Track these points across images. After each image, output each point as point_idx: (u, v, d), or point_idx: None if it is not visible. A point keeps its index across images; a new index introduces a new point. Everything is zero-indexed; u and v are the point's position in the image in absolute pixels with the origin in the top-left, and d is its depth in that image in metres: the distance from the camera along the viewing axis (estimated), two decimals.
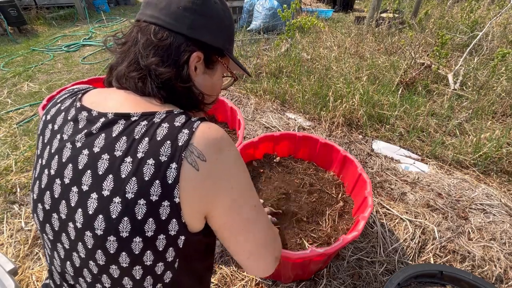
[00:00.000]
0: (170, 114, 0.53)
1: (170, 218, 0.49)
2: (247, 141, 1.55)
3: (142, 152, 0.49)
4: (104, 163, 0.50)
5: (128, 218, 0.48)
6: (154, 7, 0.56)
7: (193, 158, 0.49)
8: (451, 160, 1.99)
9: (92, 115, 0.54)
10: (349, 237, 1.06)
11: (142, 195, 0.48)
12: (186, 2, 0.56)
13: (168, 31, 0.55)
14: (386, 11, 4.80)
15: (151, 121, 0.51)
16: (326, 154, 1.57)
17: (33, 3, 5.75)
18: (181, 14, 0.55)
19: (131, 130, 0.51)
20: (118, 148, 0.50)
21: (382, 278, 1.34)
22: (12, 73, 3.47)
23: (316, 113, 2.48)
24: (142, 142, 0.49)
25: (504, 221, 1.56)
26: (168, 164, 0.48)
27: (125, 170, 0.49)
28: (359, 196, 1.33)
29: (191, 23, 0.56)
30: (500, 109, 2.45)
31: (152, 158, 0.48)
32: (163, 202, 0.48)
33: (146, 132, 0.50)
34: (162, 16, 0.55)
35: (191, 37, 0.56)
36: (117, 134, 0.51)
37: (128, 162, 0.49)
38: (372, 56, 3.44)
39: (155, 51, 0.55)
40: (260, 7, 4.56)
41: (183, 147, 0.49)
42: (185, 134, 0.50)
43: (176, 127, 0.51)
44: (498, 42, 3.57)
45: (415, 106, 2.45)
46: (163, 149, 0.49)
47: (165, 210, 0.49)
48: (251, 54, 3.54)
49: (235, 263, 1.41)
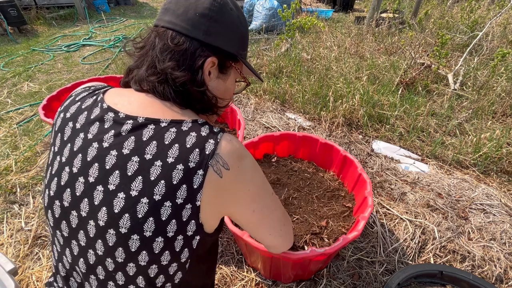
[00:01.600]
0: (196, 124, 0.56)
1: (190, 219, 0.53)
2: (247, 141, 1.55)
3: (172, 157, 0.52)
4: (133, 165, 0.52)
5: (154, 218, 0.51)
6: (172, 13, 0.58)
7: (218, 166, 0.53)
8: (451, 160, 1.99)
9: (119, 116, 0.56)
10: (349, 237, 1.06)
11: (169, 197, 0.51)
12: (203, 9, 0.57)
13: (184, 36, 0.57)
14: (386, 11, 4.80)
15: (180, 129, 0.54)
16: (326, 154, 1.57)
17: (33, 3, 5.76)
18: (198, 20, 0.57)
19: (161, 135, 0.53)
20: (148, 152, 0.52)
21: (382, 278, 1.34)
22: (12, 73, 3.47)
23: (316, 113, 2.48)
24: (172, 148, 0.52)
25: (504, 221, 1.56)
26: (196, 170, 0.51)
27: (154, 173, 0.51)
28: (359, 196, 1.33)
29: (207, 29, 0.58)
30: (500, 109, 2.45)
31: (181, 164, 0.51)
32: (186, 205, 0.52)
33: (176, 138, 0.53)
34: (179, 22, 0.57)
35: (207, 42, 0.58)
36: (147, 138, 0.53)
37: (158, 165, 0.51)
38: (372, 56, 3.44)
39: (172, 56, 0.56)
40: (260, 7, 4.56)
41: (210, 155, 0.52)
42: (211, 144, 0.53)
43: (203, 136, 0.54)
44: (498, 42, 3.57)
45: (415, 106, 2.45)
46: (192, 156, 0.52)
47: (187, 212, 0.52)
48: (251, 54, 3.54)
49: (235, 263, 1.41)
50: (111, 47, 4.42)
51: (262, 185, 0.63)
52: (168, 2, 0.60)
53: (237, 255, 1.44)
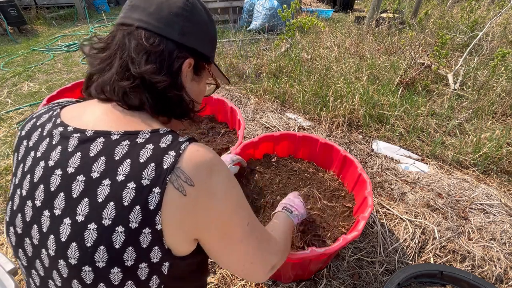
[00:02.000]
0: (156, 134, 0.50)
1: (152, 246, 0.46)
2: (247, 141, 1.55)
3: (123, 174, 0.45)
4: (79, 185, 0.46)
5: (105, 246, 0.44)
6: (142, 11, 0.53)
7: (180, 182, 0.45)
8: (451, 160, 1.99)
9: (68, 130, 0.50)
10: (349, 237, 1.06)
11: (120, 221, 0.44)
12: (177, 8, 0.54)
13: (159, 36, 0.53)
14: (386, 11, 4.80)
15: (134, 141, 0.48)
16: (326, 154, 1.57)
17: (33, 3, 5.76)
18: (172, 19, 0.54)
19: (111, 150, 0.47)
20: (96, 169, 0.46)
21: (382, 278, 1.34)
22: (12, 73, 3.47)
23: (316, 113, 2.48)
24: (123, 164, 0.46)
25: (504, 221, 1.56)
26: (151, 188, 0.45)
27: (102, 194, 0.45)
28: (359, 196, 1.33)
29: (182, 29, 0.55)
30: (500, 109, 2.45)
31: (133, 182, 0.45)
32: (143, 230, 0.45)
33: (128, 153, 0.47)
34: (152, 21, 0.53)
35: (182, 43, 0.55)
36: (95, 154, 0.47)
37: (106, 185, 0.45)
38: (372, 56, 3.44)
39: (148, 57, 0.52)
40: (260, 7, 4.56)
41: (168, 170, 0.45)
42: (171, 156, 0.47)
43: (162, 148, 0.47)
44: (498, 42, 3.57)
45: (415, 106, 2.45)
46: (146, 172, 0.45)
47: (146, 237, 0.45)
48: (251, 54, 3.54)
49: None
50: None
51: (238, 206, 0.54)
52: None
53: None
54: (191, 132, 1.87)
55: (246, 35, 4.19)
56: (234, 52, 3.57)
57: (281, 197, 1.40)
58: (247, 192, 1.41)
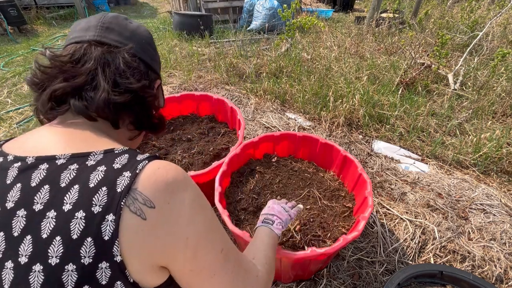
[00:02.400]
0: (110, 154, 0.46)
1: (113, 281, 0.40)
2: (247, 141, 1.55)
3: (70, 203, 0.40)
4: (20, 222, 0.41)
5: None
6: (118, 34, 0.57)
7: (138, 205, 0.41)
8: (451, 160, 1.99)
9: (7, 160, 0.45)
10: (349, 237, 1.06)
11: (70, 258, 0.39)
12: (146, 38, 0.63)
13: (139, 58, 0.59)
14: (386, 11, 4.80)
15: (83, 164, 0.43)
16: (326, 154, 1.57)
17: (33, 3, 5.76)
18: (145, 46, 0.62)
19: (56, 176, 0.42)
20: (38, 201, 0.41)
21: (382, 278, 1.34)
22: (12, 73, 3.47)
23: (316, 113, 2.48)
24: (71, 190, 0.41)
25: (504, 221, 1.56)
26: (103, 216, 0.40)
27: (46, 228, 0.39)
28: (360, 196, 1.33)
29: (152, 55, 0.64)
30: (500, 109, 2.45)
31: (82, 210, 0.40)
32: (100, 264, 0.39)
33: (76, 178, 0.42)
34: (131, 44, 0.58)
35: (152, 66, 0.63)
36: (37, 183, 0.42)
37: (51, 217, 0.40)
38: (372, 56, 3.44)
39: (135, 75, 0.56)
40: (260, 7, 4.56)
41: (123, 193, 0.41)
42: (126, 178, 0.42)
43: (116, 169, 0.43)
44: (498, 42, 3.57)
45: (415, 106, 2.45)
46: (97, 198, 0.40)
47: (104, 273, 0.40)
48: (251, 54, 3.54)
49: None
50: None
51: (208, 230, 0.48)
52: (107, 21, 0.58)
53: None
54: (191, 132, 1.87)
55: (246, 35, 4.19)
56: (234, 52, 3.56)
57: (281, 197, 1.40)
58: (247, 192, 1.41)
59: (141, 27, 0.64)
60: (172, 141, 1.80)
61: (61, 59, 0.53)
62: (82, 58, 0.53)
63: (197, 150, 1.68)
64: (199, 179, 1.43)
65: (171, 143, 1.78)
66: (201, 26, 4.16)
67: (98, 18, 0.58)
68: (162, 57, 3.64)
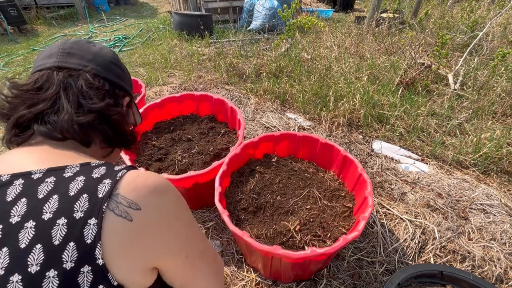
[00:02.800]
0: (86, 166, 0.47)
1: (96, 285, 0.40)
2: (247, 141, 1.55)
3: (50, 212, 0.41)
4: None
5: None
6: (79, 58, 0.60)
7: (122, 208, 0.42)
8: (451, 160, 1.99)
9: None
10: (349, 237, 1.06)
11: (51, 265, 0.39)
12: (110, 58, 0.65)
13: (102, 78, 0.61)
14: (386, 11, 4.80)
15: (61, 176, 0.44)
16: (326, 154, 1.57)
17: (33, 3, 5.76)
18: (109, 66, 0.63)
19: (33, 189, 0.43)
20: (15, 213, 0.41)
21: (382, 278, 1.34)
22: (12, 73, 3.47)
23: (316, 113, 2.48)
24: (50, 200, 0.42)
25: (504, 221, 1.56)
26: (86, 220, 0.40)
27: (25, 238, 0.39)
28: (360, 196, 1.33)
29: (118, 74, 0.65)
30: (500, 109, 2.45)
31: (63, 217, 0.40)
32: (82, 269, 0.39)
33: (55, 189, 0.43)
34: (94, 66, 0.60)
35: (119, 84, 0.65)
36: (13, 198, 0.42)
37: (30, 227, 0.40)
38: (372, 56, 3.44)
39: (98, 94, 0.58)
40: (260, 7, 4.56)
41: (105, 198, 0.42)
42: (106, 184, 0.43)
43: (95, 178, 0.44)
44: (498, 42, 3.57)
45: (415, 106, 2.45)
46: (79, 204, 0.41)
47: (86, 277, 0.40)
48: (251, 54, 3.54)
49: (235, 263, 1.41)
50: (111, 47, 4.42)
51: (192, 224, 0.54)
52: (67, 47, 0.60)
53: (237, 255, 1.44)
54: (191, 132, 1.87)
55: (246, 35, 4.19)
56: (234, 52, 3.56)
57: (281, 197, 1.40)
58: (247, 192, 1.41)
59: (104, 49, 0.66)
60: (172, 141, 1.80)
61: (24, 88, 0.55)
62: (44, 84, 0.55)
63: (197, 150, 1.68)
64: (199, 179, 1.43)
65: (171, 143, 1.78)
66: (201, 26, 4.16)
67: (59, 44, 0.61)
68: (162, 57, 3.64)
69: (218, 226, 1.59)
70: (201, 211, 1.67)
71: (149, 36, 4.80)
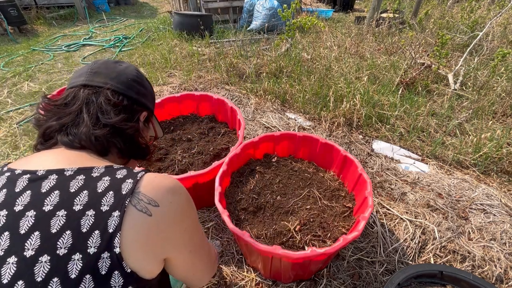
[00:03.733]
0: (110, 168, 0.54)
1: (112, 271, 0.45)
2: (247, 141, 1.55)
3: (80, 204, 0.46)
4: (28, 220, 0.45)
5: (59, 278, 0.42)
6: (104, 76, 0.66)
7: (143, 205, 0.48)
8: (451, 160, 1.99)
9: (15, 173, 0.51)
10: (349, 237, 1.06)
11: (77, 249, 0.44)
12: (133, 76, 0.71)
13: (122, 95, 0.67)
14: (386, 11, 4.80)
15: (89, 176, 0.51)
16: (326, 154, 1.57)
17: (33, 3, 5.75)
18: (130, 83, 0.69)
19: (66, 184, 0.49)
20: (48, 203, 0.46)
21: (382, 278, 1.34)
22: (12, 73, 3.47)
23: (316, 113, 2.48)
24: (80, 195, 0.47)
25: (504, 221, 1.56)
26: (111, 212, 0.46)
27: (56, 224, 0.45)
28: (360, 196, 1.33)
29: (138, 90, 0.71)
30: (500, 109, 2.45)
31: (92, 209, 0.46)
32: (102, 254, 0.44)
33: (85, 185, 0.49)
34: (115, 84, 0.66)
35: (138, 100, 0.71)
36: (47, 190, 0.48)
37: (61, 215, 0.45)
38: (372, 56, 3.44)
39: (115, 110, 0.64)
40: (260, 7, 4.56)
41: (128, 195, 0.48)
42: (129, 183, 0.50)
43: (119, 178, 0.51)
44: (498, 42, 3.57)
45: (415, 106, 2.45)
46: (106, 199, 0.47)
47: (104, 262, 0.45)
48: (251, 54, 3.54)
49: (235, 263, 1.41)
50: (111, 47, 4.42)
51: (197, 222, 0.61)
52: (96, 67, 0.68)
53: (237, 255, 1.44)
54: (191, 132, 1.87)
55: (246, 35, 4.19)
56: (234, 52, 3.56)
57: (281, 197, 1.40)
58: (247, 192, 1.41)
59: (129, 68, 0.73)
60: (172, 141, 1.80)
61: (55, 103, 0.64)
62: (71, 100, 0.63)
63: (197, 150, 1.68)
64: (199, 179, 1.43)
65: (171, 143, 1.78)
66: (201, 26, 4.16)
67: (90, 65, 0.69)
68: (162, 57, 3.64)
69: (218, 226, 1.59)
70: (201, 211, 1.67)
71: (149, 36, 4.80)
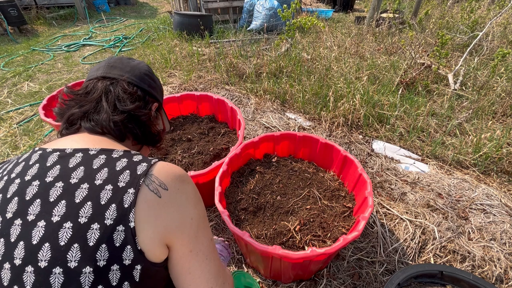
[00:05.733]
0: (128, 152, 0.59)
1: (125, 245, 0.48)
2: (247, 141, 1.55)
3: (101, 179, 0.51)
4: (57, 190, 0.50)
5: (79, 244, 0.46)
6: (120, 69, 0.74)
7: (155, 186, 0.52)
8: (451, 160, 1.99)
9: (47, 151, 0.57)
10: (350, 237, 1.06)
11: (96, 219, 0.47)
12: (145, 71, 0.79)
13: (135, 86, 0.74)
14: (386, 11, 4.80)
15: (110, 156, 0.56)
16: (326, 154, 1.57)
17: (33, 3, 5.75)
18: (143, 77, 0.77)
19: (90, 161, 0.54)
20: (75, 176, 0.52)
21: (382, 278, 1.34)
22: (12, 73, 3.47)
23: (316, 113, 2.48)
24: (101, 171, 0.53)
25: (504, 221, 1.56)
26: (126, 189, 0.51)
27: (80, 195, 0.49)
28: (360, 196, 1.33)
29: (150, 83, 0.78)
30: (500, 109, 2.45)
31: (110, 184, 0.51)
32: (117, 227, 0.48)
33: (105, 163, 0.54)
34: (130, 76, 0.74)
35: (150, 92, 0.78)
36: (74, 165, 0.53)
37: (85, 188, 0.50)
38: (372, 56, 3.44)
39: (131, 98, 0.71)
40: (260, 7, 4.56)
41: (142, 175, 0.53)
42: (144, 165, 0.55)
43: (135, 161, 0.56)
44: (498, 42, 3.57)
45: (415, 106, 2.45)
46: (122, 177, 0.52)
47: (119, 235, 0.48)
48: (251, 54, 3.54)
49: (235, 263, 1.41)
50: (111, 47, 4.42)
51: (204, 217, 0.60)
52: (112, 61, 0.76)
53: (237, 255, 1.44)
54: (191, 132, 1.87)
55: (246, 35, 4.19)
56: (234, 52, 3.56)
57: (281, 197, 1.40)
58: (247, 192, 1.41)
59: (141, 63, 0.80)
60: (172, 141, 1.80)
61: (77, 92, 0.71)
62: (91, 90, 0.71)
63: (197, 150, 1.68)
64: (199, 179, 1.43)
65: (171, 143, 1.78)
66: (201, 26, 4.16)
67: (106, 60, 0.77)
68: (162, 57, 3.64)
69: (218, 226, 1.59)
70: None
71: (149, 36, 4.80)
